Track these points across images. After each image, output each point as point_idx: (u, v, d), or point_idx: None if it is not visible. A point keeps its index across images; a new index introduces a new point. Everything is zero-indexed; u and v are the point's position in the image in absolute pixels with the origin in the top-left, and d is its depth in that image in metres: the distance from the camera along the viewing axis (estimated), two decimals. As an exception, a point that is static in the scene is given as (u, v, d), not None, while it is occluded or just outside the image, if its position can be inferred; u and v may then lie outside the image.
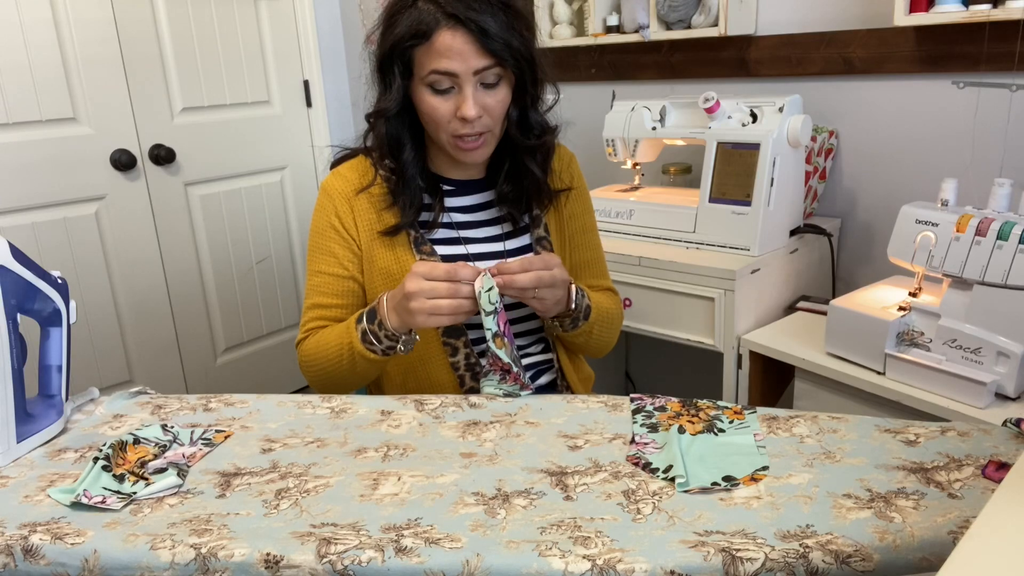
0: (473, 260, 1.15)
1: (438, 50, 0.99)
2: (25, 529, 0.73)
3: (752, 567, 0.64)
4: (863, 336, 1.33)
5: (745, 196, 1.59)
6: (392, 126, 1.09)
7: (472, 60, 0.99)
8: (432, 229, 1.14)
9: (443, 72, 1.00)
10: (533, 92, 1.08)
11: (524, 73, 1.05)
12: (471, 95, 1.01)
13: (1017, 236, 1.14)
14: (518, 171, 1.14)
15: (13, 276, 0.89)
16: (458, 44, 0.98)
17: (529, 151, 1.12)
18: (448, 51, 0.98)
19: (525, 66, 1.04)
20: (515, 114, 1.08)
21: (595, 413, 0.95)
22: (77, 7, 2.03)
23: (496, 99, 1.04)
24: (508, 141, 1.12)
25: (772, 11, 1.83)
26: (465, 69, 0.99)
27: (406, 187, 1.11)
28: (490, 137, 1.07)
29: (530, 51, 1.04)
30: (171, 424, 0.95)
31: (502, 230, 1.18)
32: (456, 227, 1.17)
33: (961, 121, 1.60)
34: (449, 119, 1.03)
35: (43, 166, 2.02)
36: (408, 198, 1.11)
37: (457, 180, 1.17)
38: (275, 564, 0.67)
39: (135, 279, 2.26)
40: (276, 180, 2.58)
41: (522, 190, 1.15)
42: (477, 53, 0.99)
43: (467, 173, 1.17)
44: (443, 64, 0.99)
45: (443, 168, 1.16)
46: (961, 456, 0.80)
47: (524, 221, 1.18)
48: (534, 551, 0.67)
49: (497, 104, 1.04)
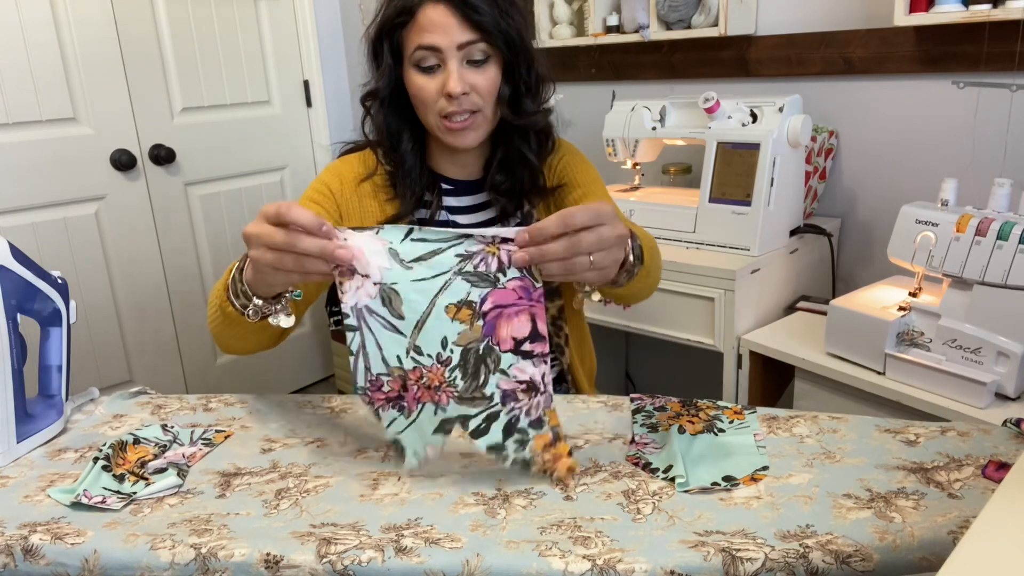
0: None
1: (421, 25, 0.99)
2: (25, 529, 0.73)
3: (752, 567, 0.64)
4: (863, 336, 1.33)
5: (745, 196, 1.59)
6: (389, 116, 1.09)
7: (455, 33, 0.99)
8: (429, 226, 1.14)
9: (427, 47, 0.99)
10: (527, 79, 1.06)
11: (515, 55, 1.03)
12: (456, 70, 1.00)
13: (1017, 236, 1.14)
14: (512, 160, 1.12)
15: (13, 276, 0.89)
16: (440, 18, 0.98)
17: (522, 134, 1.11)
18: (431, 25, 0.99)
19: (514, 46, 1.03)
20: (506, 92, 1.05)
21: (595, 413, 0.95)
22: (77, 7, 2.03)
23: (484, 77, 1.02)
24: (504, 133, 1.11)
25: (772, 11, 1.83)
26: (448, 43, 0.99)
27: (406, 177, 1.11)
28: (480, 119, 1.05)
29: (519, 32, 1.03)
30: (171, 424, 0.95)
31: None
32: (454, 228, 1.16)
33: (961, 121, 1.60)
34: (436, 98, 1.02)
35: (43, 166, 2.02)
36: (407, 188, 1.11)
37: (456, 180, 1.16)
38: (275, 564, 0.67)
39: (135, 279, 2.26)
40: (276, 180, 2.58)
41: (515, 180, 1.13)
42: (460, 26, 0.98)
43: (466, 171, 1.16)
44: (426, 39, 0.99)
45: (443, 167, 1.16)
46: (961, 456, 0.80)
47: (517, 218, 1.15)
48: (534, 551, 0.67)
49: (485, 82, 1.02)
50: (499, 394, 0.76)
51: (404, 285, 0.77)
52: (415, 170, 1.11)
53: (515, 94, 1.07)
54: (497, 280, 0.76)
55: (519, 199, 1.15)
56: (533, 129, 1.11)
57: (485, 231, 0.77)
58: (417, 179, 1.12)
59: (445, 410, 0.77)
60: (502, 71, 1.04)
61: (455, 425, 0.78)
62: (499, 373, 0.76)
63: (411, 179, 1.11)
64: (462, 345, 0.76)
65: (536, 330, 0.76)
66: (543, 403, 0.77)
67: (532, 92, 1.08)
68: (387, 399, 0.78)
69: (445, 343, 0.76)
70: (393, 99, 1.08)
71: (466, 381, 0.76)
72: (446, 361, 0.76)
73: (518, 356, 0.76)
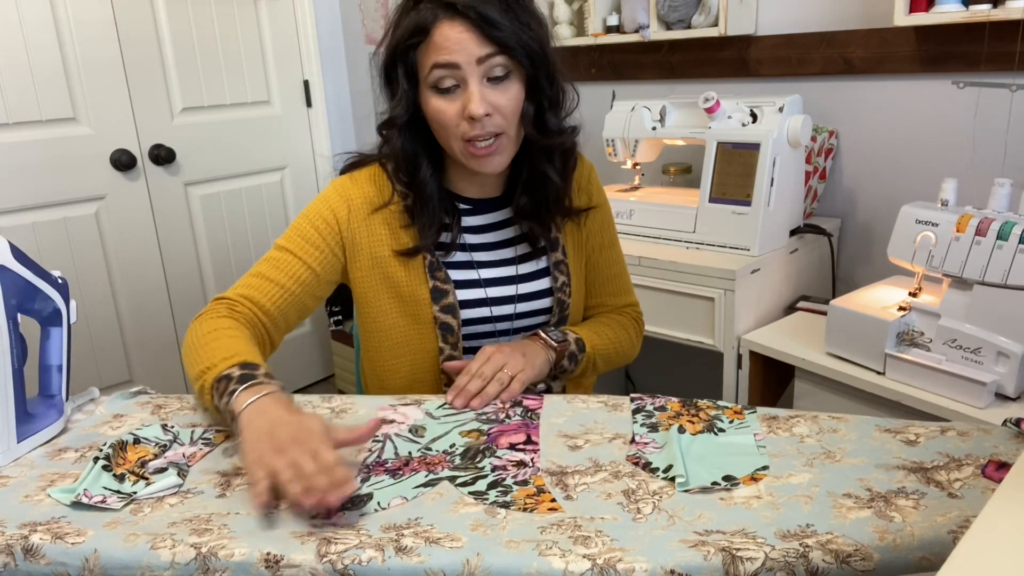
0: (484, 286, 1.10)
1: (437, 43, 0.93)
2: (25, 529, 0.73)
3: (752, 567, 0.64)
4: (863, 336, 1.33)
5: (745, 196, 1.59)
6: (406, 141, 1.02)
7: (473, 48, 0.93)
8: (449, 252, 1.09)
9: (444, 64, 0.94)
10: (550, 92, 1.01)
11: (537, 69, 0.98)
12: (476, 90, 0.94)
13: (1017, 236, 1.14)
14: (536, 180, 1.07)
15: (13, 276, 0.89)
16: (456, 34, 0.93)
17: (546, 154, 1.05)
18: (447, 42, 0.93)
19: (536, 60, 0.97)
20: (531, 110, 1.00)
21: (595, 413, 0.95)
22: (77, 7, 2.03)
23: (506, 96, 0.96)
24: (526, 151, 1.05)
25: (772, 11, 1.83)
26: (466, 59, 0.93)
27: (424, 207, 1.05)
28: (505, 141, 0.99)
29: (540, 44, 0.97)
30: (171, 424, 0.95)
31: (515, 252, 1.12)
32: (469, 249, 1.10)
33: (961, 121, 1.60)
34: (457, 121, 0.96)
35: (43, 166, 2.02)
36: (427, 219, 1.05)
37: (473, 199, 1.11)
38: (275, 564, 0.67)
39: (135, 279, 2.26)
40: (276, 180, 2.59)
41: (541, 202, 1.08)
42: (477, 41, 0.93)
43: (484, 191, 1.11)
44: (443, 56, 0.93)
45: (459, 186, 1.10)
46: (961, 456, 0.80)
47: (542, 242, 1.12)
48: (534, 551, 0.67)
49: (507, 102, 0.96)
50: (490, 466, 0.83)
51: (430, 426, 0.93)
52: (435, 197, 1.05)
53: (539, 110, 1.01)
54: (504, 420, 0.93)
55: (544, 221, 1.10)
56: (560, 149, 1.06)
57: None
58: (437, 207, 1.05)
59: (437, 475, 0.82)
60: (525, 87, 0.99)
61: (442, 481, 0.80)
62: (494, 458, 0.85)
63: (431, 207, 1.05)
64: (465, 446, 0.89)
65: (530, 439, 0.89)
66: (531, 472, 0.82)
67: (555, 105, 1.03)
68: (387, 470, 0.83)
69: (453, 446, 0.88)
70: (411, 125, 1.02)
71: (464, 461, 0.85)
72: (450, 452, 0.87)
73: (512, 450, 0.87)
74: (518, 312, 1.12)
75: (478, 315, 1.10)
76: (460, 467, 0.83)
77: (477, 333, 1.11)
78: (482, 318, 1.10)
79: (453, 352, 1.09)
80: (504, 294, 1.11)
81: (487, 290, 1.10)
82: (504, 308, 1.11)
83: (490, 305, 1.11)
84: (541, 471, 0.81)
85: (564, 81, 1.03)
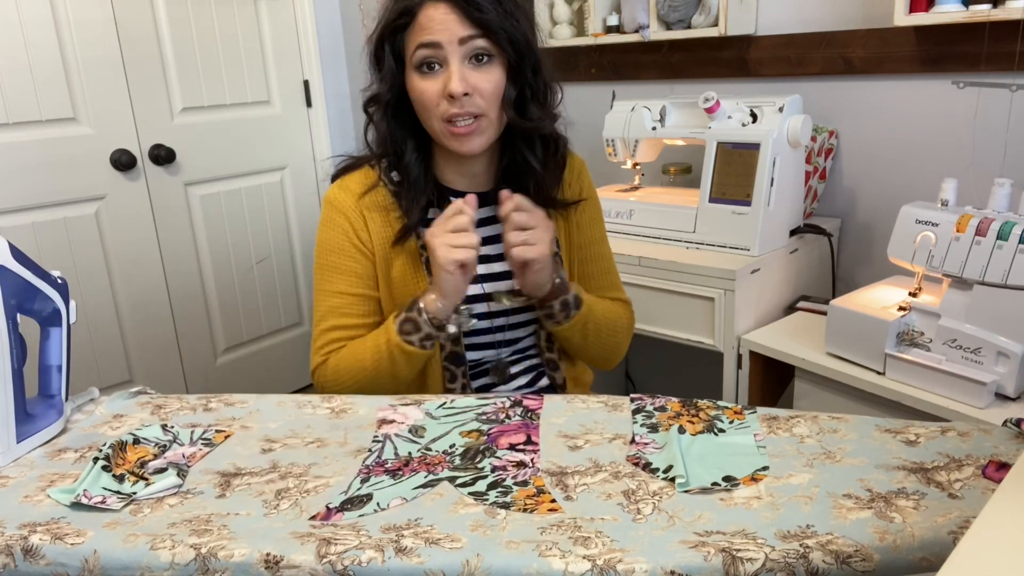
0: (480, 281, 1.12)
1: (422, 24, 0.98)
2: (25, 529, 0.73)
3: (752, 567, 0.64)
4: (863, 336, 1.33)
5: (745, 196, 1.59)
6: (393, 124, 1.06)
7: (455, 28, 0.97)
8: None
9: (427, 44, 0.98)
10: (534, 84, 1.04)
11: (520, 57, 1.01)
12: (457, 69, 0.98)
13: (1017, 236, 1.14)
14: (518, 168, 1.10)
15: (13, 276, 0.89)
16: (440, 15, 0.97)
17: (527, 142, 1.08)
18: (430, 22, 0.97)
19: (519, 48, 1.00)
20: (512, 94, 1.03)
21: (595, 413, 0.95)
22: (77, 7, 2.03)
23: (486, 79, 0.99)
24: (509, 140, 1.09)
25: (772, 11, 1.83)
26: (448, 38, 0.97)
27: (411, 187, 1.08)
28: (485, 123, 1.02)
29: (524, 33, 1.01)
30: (171, 424, 0.95)
31: None
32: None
33: (961, 121, 1.60)
34: (437, 101, 0.99)
35: (43, 166, 2.02)
36: (412, 198, 1.08)
37: (464, 192, 1.12)
38: (275, 564, 0.67)
39: (135, 279, 2.26)
40: (276, 180, 2.58)
41: (521, 189, 1.10)
42: (460, 22, 0.97)
43: (474, 183, 1.13)
44: (426, 36, 0.98)
45: (449, 178, 1.13)
46: (961, 456, 0.80)
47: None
48: (534, 551, 0.67)
49: (487, 84, 0.99)
50: (490, 467, 0.83)
51: (430, 426, 0.94)
52: (420, 180, 1.08)
53: (520, 97, 1.04)
54: (504, 420, 0.94)
55: None
56: (539, 134, 1.08)
57: (506, 396, 1.00)
58: (422, 190, 1.08)
59: (436, 475, 0.82)
60: (507, 73, 1.02)
61: (442, 482, 0.81)
62: (493, 459, 0.85)
63: (416, 190, 1.08)
64: (465, 446, 0.89)
65: (530, 439, 0.89)
66: (531, 473, 0.82)
67: (539, 98, 1.06)
68: (386, 471, 0.83)
69: (453, 446, 0.88)
70: (396, 106, 1.05)
71: (464, 461, 0.85)
72: (449, 452, 0.87)
73: (512, 451, 0.87)
74: (514, 307, 1.13)
75: (476, 311, 1.11)
76: (460, 467, 0.83)
77: (475, 329, 1.12)
78: (479, 314, 1.12)
79: (455, 348, 1.11)
80: (500, 289, 1.13)
81: (483, 285, 1.12)
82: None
83: (487, 300, 1.12)
84: (541, 471, 0.81)
85: (552, 80, 1.07)
